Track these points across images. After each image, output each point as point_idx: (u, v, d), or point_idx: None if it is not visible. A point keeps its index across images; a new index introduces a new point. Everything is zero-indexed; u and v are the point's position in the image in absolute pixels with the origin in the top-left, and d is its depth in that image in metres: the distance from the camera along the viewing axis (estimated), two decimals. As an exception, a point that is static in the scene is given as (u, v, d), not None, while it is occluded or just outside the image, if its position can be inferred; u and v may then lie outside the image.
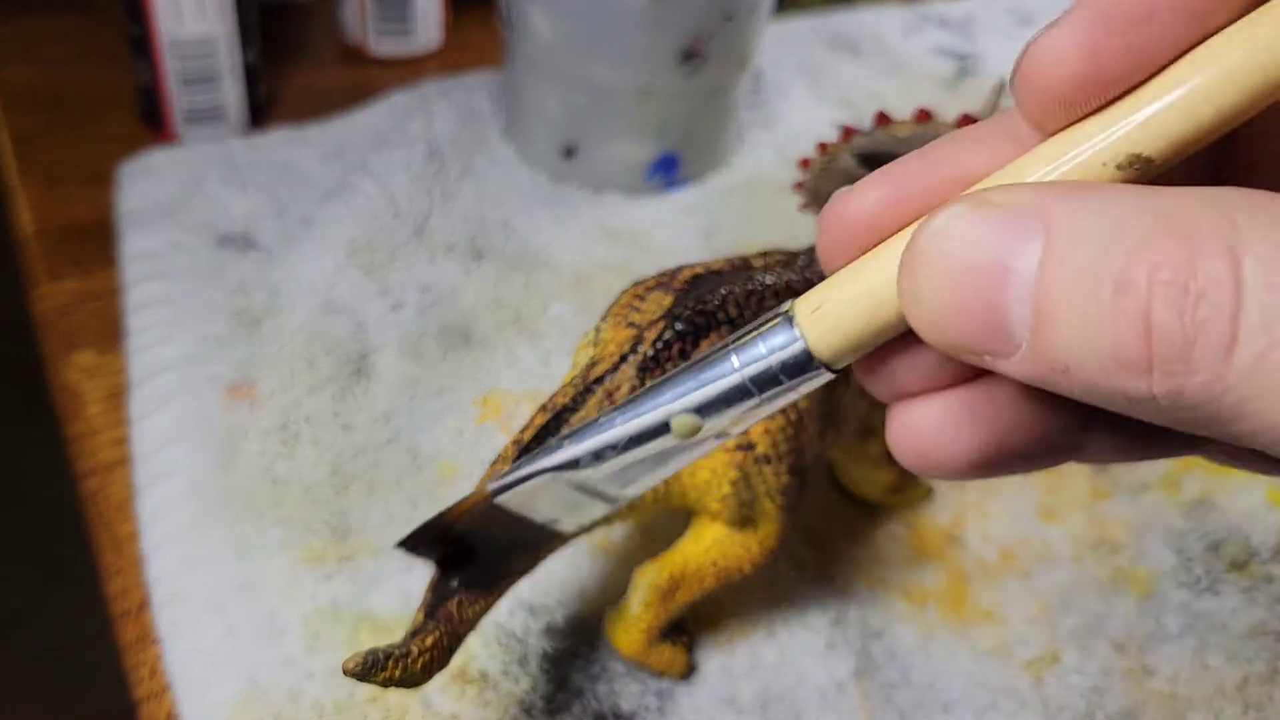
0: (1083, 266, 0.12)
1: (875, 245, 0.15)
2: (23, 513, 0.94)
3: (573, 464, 0.19)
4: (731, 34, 0.43)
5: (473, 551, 0.23)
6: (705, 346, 0.25)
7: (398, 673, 0.22)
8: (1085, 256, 0.12)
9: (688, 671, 0.29)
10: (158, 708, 0.28)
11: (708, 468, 0.25)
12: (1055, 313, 0.12)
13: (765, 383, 0.16)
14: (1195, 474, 0.37)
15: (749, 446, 0.25)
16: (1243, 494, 0.36)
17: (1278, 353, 0.11)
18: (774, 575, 0.32)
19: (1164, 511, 0.35)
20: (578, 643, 0.30)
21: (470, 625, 0.24)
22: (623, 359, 0.26)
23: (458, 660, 0.29)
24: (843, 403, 0.28)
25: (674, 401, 0.17)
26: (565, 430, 0.22)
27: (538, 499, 0.20)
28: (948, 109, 0.54)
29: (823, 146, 0.33)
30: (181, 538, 0.31)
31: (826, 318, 0.15)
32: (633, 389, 0.25)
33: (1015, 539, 0.34)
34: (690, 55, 0.43)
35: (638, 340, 0.26)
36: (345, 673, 0.22)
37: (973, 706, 0.29)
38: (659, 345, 0.25)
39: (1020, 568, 0.33)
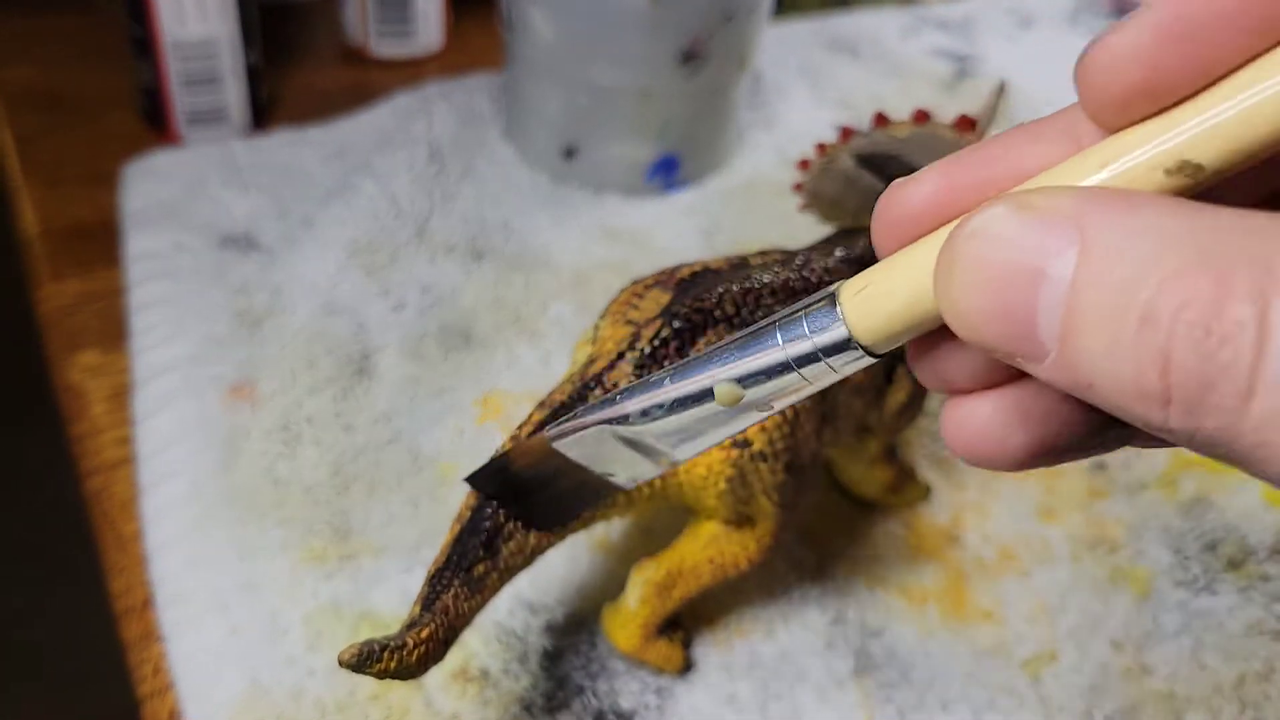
0: (1113, 288, 0.12)
1: (924, 235, 0.15)
2: (26, 512, 0.94)
3: (623, 418, 0.20)
4: (731, 35, 0.43)
5: (531, 495, 0.23)
6: (702, 345, 0.26)
7: (393, 664, 0.22)
8: (1117, 277, 0.12)
9: (684, 667, 0.29)
10: (160, 706, 0.29)
11: (704, 465, 0.25)
12: (1082, 330, 0.12)
13: (805, 360, 0.17)
14: (1193, 474, 0.37)
15: (745, 444, 0.25)
16: (1240, 493, 0.36)
17: None
18: (773, 574, 0.32)
19: (1161, 511, 0.35)
20: (578, 641, 0.30)
21: (467, 619, 0.24)
22: (620, 356, 0.26)
23: (458, 658, 0.29)
24: (839, 401, 0.28)
25: (719, 370, 0.18)
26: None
27: (593, 449, 0.21)
28: (946, 110, 0.54)
29: (821, 147, 0.33)
30: (184, 537, 0.32)
31: (869, 301, 0.16)
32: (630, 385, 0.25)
33: (1014, 538, 0.34)
34: (690, 56, 0.43)
35: (635, 338, 0.26)
36: (341, 663, 0.22)
37: (971, 705, 0.29)
38: (656, 343, 0.26)
39: (1019, 567, 0.33)
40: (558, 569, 0.31)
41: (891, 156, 0.32)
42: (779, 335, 0.17)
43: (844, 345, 0.16)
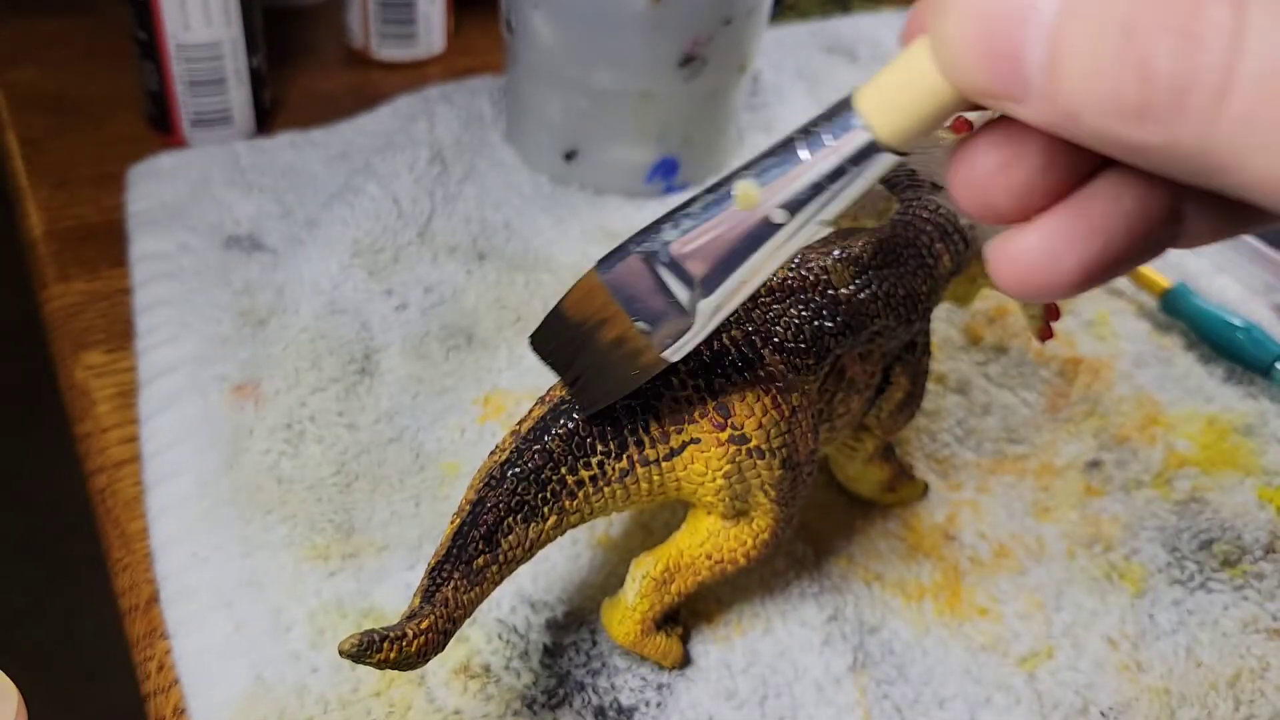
0: (1098, 11, 0.12)
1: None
2: (31, 510, 0.94)
3: (655, 229, 0.20)
4: (730, 38, 0.44)
5: (581, 355, 0.23)
6: (702, 342, 0.26)
7: (393, 655, 0.23)
8: (1102, 2, 0.12)
9: (682, 662, 0.29)
10: (165, 702, 0.29)
11: (702, 460, 0.26)
12: (1067, 57, 0.13)
13: (826, 162, 0.17)
14: (1188, 472, 0.37)
15: (742, 440, 0.26)
16: (1234, 492, 0.37)
17: (1269, 108, 0.11)
18: (772, 571, 0.32)
19: (1156, 509, 0.36)
20: (579, 637, 0.30)
21: (467, 611, 0.24)
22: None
23: (460, 654, 0.29)
24: (837, 399, 0.28)
25: (738, 178, 0.18)
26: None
27: (634, 285, 0.21)
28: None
29: None
30: (188, 535, 0.32)
31: (882, 96, 0.16)
32: None
33: (1010, 536, 0.34)
34: (690, 59, 0.43)
35: None
36: (341, 653, 0.22)
37: (967, 701, 0.30)
38: None
39: (1015, 564, 0.34)
40: (559, 566, 0.32)
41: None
42: (801, 145, 0.17)
43: (864, 145, 0.16)
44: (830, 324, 0.27)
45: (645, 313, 0.21)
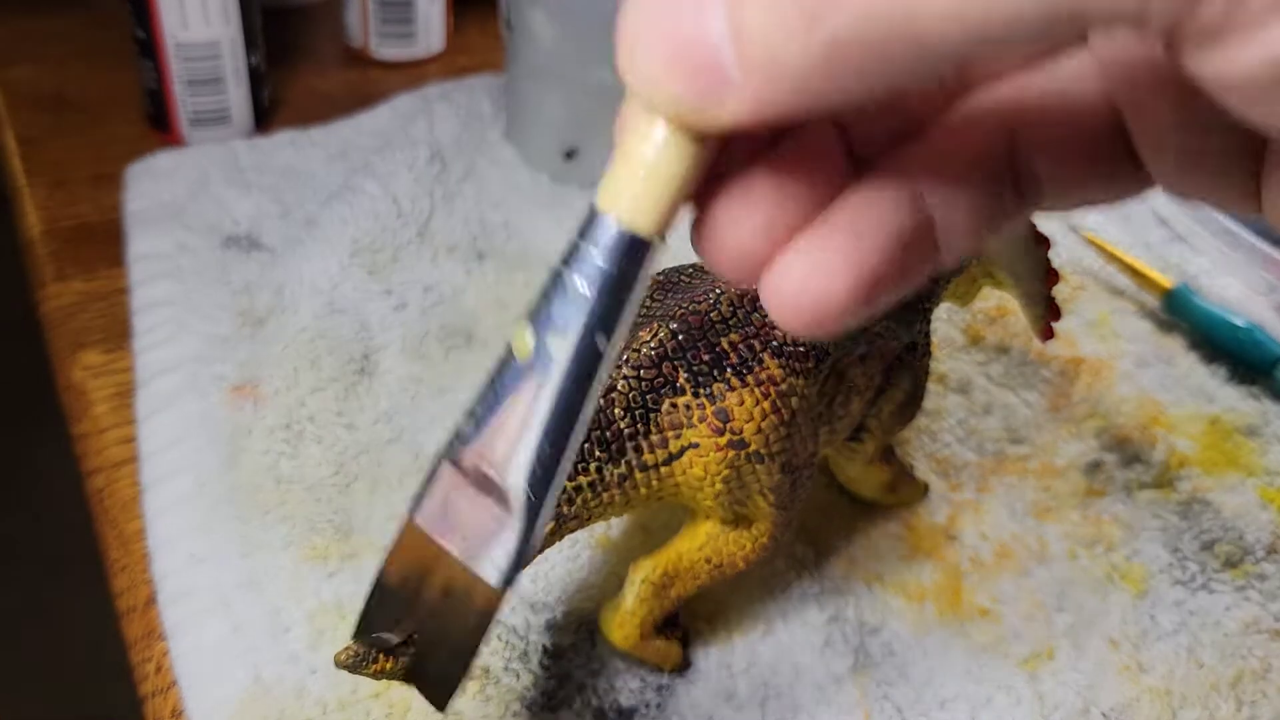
0: None
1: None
2: (29, 510, 0.94)
3: (457, 436, 0.18)
4: (731, 37, 0.44)
5: (422, 650, 0.21)
6: (700, 346, 0.26)
7: (388, 666, 0.22)
8: None
9: (682, 665, 0.29)
10: (163, 703, 0.29)
11: (700, 465, 0.26)
12: (745, 17, 0.13)
13: (588, 274, 0.16)
14: (1189, 472, 0.37)
15: (741, 444, 0.25)
16: (1236, 492, 0.37)
17: None
18: (772, 573, 0.32)
19: (1158, 510, 0.36)
20: (578, 639, 0.30)
21: None
22: (620, 358, 0.26)
23: (460, 656, 0.29)
24: (837, 402, 0.28)
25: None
26: None
27: (449, 515, 0.18)
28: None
29: None
30: (187, 535, 0.32)
31: (621, 190, 0.16)
32: (628, 388, 0.25)
33: (1011, 537, 0.34)
34: (690, 58, 0.43)
35: (633, 339, 0.26)
36: (337, 664, 0.22)
37: (969, 702, 0.30)
38: (654, 345, 0.26)
39: (1016, 565, 0.33)
40: (558, 567, 0.32)
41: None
42: (563, 268, 0.16)
43: (625, 242, 0.16)
44: None
45: (468, 538, 0.18)
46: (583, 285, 0.16)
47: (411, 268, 0.42)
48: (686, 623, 0.31)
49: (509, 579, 0.19)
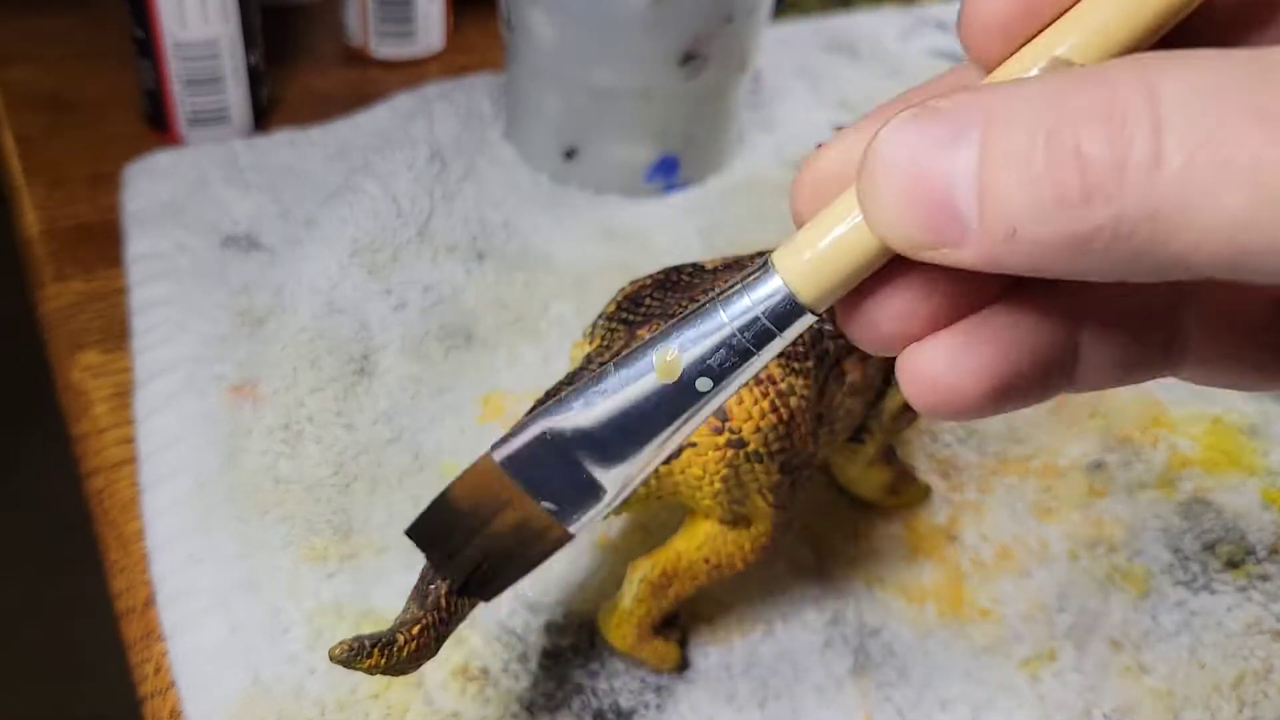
0: (1018, 134, 0.13)
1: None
2: (28, 511, 0.94)
3: (562, 406, 0.19)
4: (731, 36, 0.44)
5: (470, 547, 0.22)
6: None
7: (383, 661, 0.22)
8: (1019, 125, 0.13)
9: (680, 666, 0.29)
10: (162, 705, 0.29)
11: (699, 464, 0.26)
12: (997, 181, 0.13)
13: (749, 327, 0.17)
14: (1191, 473, 0.37)
15: (740, 444, 0.25)
16: (1238, 493, 0.36)
17: (1203, 153, 0.12)
18: (772, 574, 0.32)
19: (1160, 510, 0.36)
20: (578, 640, 0.30)
21: (460, 616, 0.24)
22: (616, 356, 0.26)
23: (458, 657, 0.29)
24: (837, 402, 0.28)
25: (658, 347, 0.18)
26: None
27: (535, 466, 0.20)
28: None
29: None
30: (185, 536, 0.32)
31: (802, 259, 0.16)
32: None
33: (1012, 537, 0.34)
34: (690, 57, 0.43)
35: (632, 338, 0.26)
36: (332, 659, 0.22)
37: (970, 703, 0.30)
38: None
39: (1017, 566, 0.33)
40: (558, 568, 0.32)
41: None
42: (721, 309, 0.17)
43: (785, 306, 0.17)
44: (829, 326, 0.27)
45: (551, 493, 0.20)
46: (737, 331, 0.17)
47: (411, 267, 0.42)
48: (686, 623, 0.30)
49: (582, 529, 0.21)
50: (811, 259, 0.16)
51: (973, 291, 0.16)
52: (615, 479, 0.20)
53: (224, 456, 0.34)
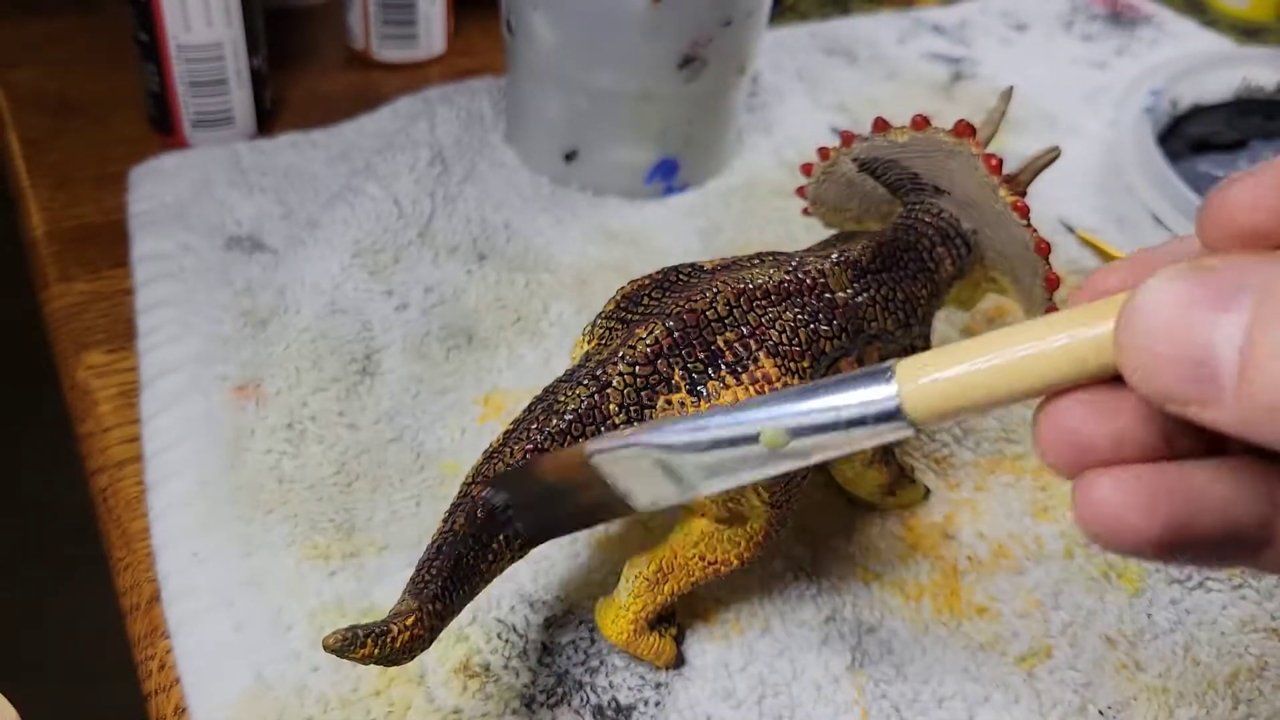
0: None
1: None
2: (33, 509, 0.94)
3: (669, 447, 0.21)
4: (730, 39, 0.44)
5: (543, 507, 0.24)
6: (696, 344, 0.26)
7: (376, 651, 0.23)
8: None
9: (676, 661, 0.29)
10: (166, 701, 0.29)
11: None
12: (1264, 356, 0.13)
13: (854, 424, 0.19)
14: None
15: None
16: (1233, 492, 0.37)
17: None
18: (770, 571, 0.32)
19: (1155, 509, 0.36)
20: (577, 636, 0.30)
21: (456, 608, 0.24)
22: (614, 354, 0.26)
23: (459, 654, 0.29)
24: None
25: (768, 415, 0.20)
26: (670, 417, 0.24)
27: (626, 469, 0.22)
28: (943, 113, 0.54)
29: (824, 152, 0.34)
30: (189, 534, 0.32)
31: (922, 382, 0.17)
32: (623, 384, 0.26)
33: (1008, 535, 0.34)
34: (689, 60, 0.44)
35: (630, 337, 0.26)
36: (325, 648, 0.22)
37: (966, 700, 0.30)
38: (650, 342, 0.26)
39: (1013, 563, 0.34)
40: (558, 565, 0.32)
41: (891, 161, 0.32)
42: (833, 395, 0.19)
43: (892, 416, 0.18)
44: (826, 327, 0.27)
45: (637, 490, 0.23)
46: (843, 421, 0.19)
47: (413, 268, 0.42)
48: (684, 620, 0.31)
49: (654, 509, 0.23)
50: (931, 388, 0.17)
51: (1175, 436, 0.16)
52: (690, 494, 0.22)
53: (228, 456, 0.34)
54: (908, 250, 0.30)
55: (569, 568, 0.32)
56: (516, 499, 0.24)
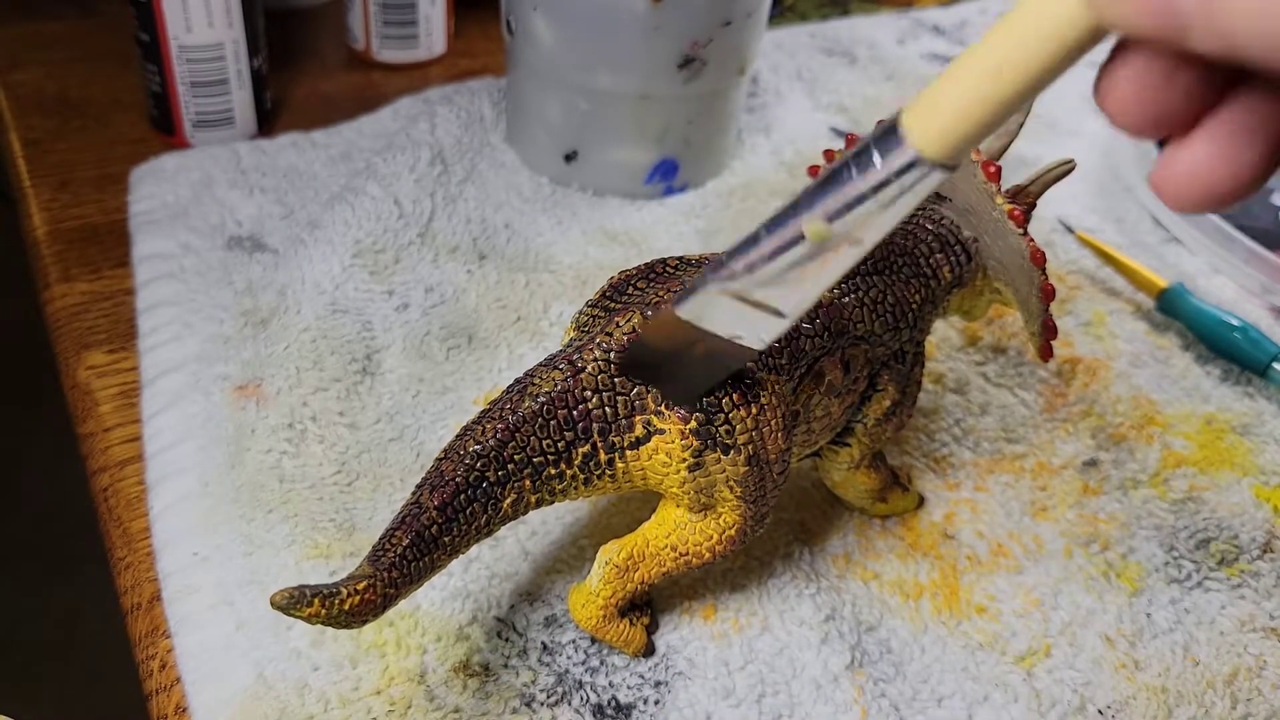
0: None
1: None
2: (35, 509, 0.95)
3: (731, 275, 0.22)
4: (729, 40, 0.44)
5: (669, 368, 0.25)
6: None
7: (323, 611, 0.23)
8: None
9: (645, 650, 0.30)
10: (167, 700, 0.29)
11: (664, 451, 0.26)
12: None
13: (880, 186, 0.18)
14: (1184, 471, 0.37)
15: (706, 433, 0.26)
16: (1231, 491, 0.37)
17: None
18: (769, 570, 0.32)
19: (1153, 508, 0.36)
20: (577, 635, 0.30)
21: (415, 580, 0.24)
22: (591, 340, 0.26)
23: (459, 653, 0.29)
24: (814, 402, 0.28)
25: (805, 213, 0.20)
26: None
27: (715, 314, 0.23)
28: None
29: (829, 154, 0.34)
30: (191, 533, 0.32)
31: (926, 116, 0.17)
32: (598, 370, 0.26)
33: (1007, 535, 0.35)
34: (689, 61, 0.44)
35: (609, 324, 0.27)
36: (272, 604, 0.23)
37: (965, 699, 0.30)
38: (627, 331, 0.26)
39: (1012, 563, 0.34)
40: (559, 564, 0.32)
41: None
42: (853, 169, 0.18)
43: (913, 164, 0.18)
44: (807, 325, 0.27)
45: (733, 326, 0.23)
46: (869, 190, 0.19)
47: (413, 268, 0.42)
48: (679, 617, 0.31)
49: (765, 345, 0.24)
50: (934, 118, 0.17)
51: (1206, 81, 0.16)
52: (792, 305, 0.22)
53: (229, 455, 0.34)
54: (903, 254, 0.30)
55: (569, 568, 0.32)
56: (653, 376, 0.25)
